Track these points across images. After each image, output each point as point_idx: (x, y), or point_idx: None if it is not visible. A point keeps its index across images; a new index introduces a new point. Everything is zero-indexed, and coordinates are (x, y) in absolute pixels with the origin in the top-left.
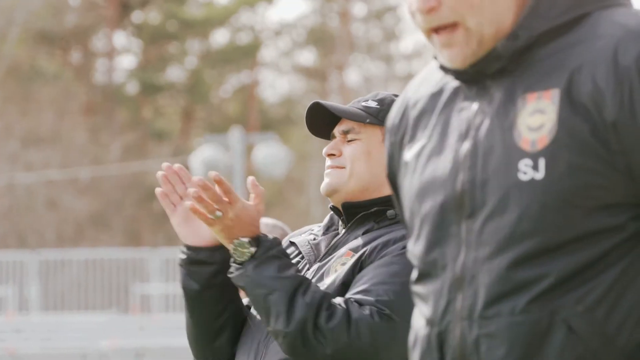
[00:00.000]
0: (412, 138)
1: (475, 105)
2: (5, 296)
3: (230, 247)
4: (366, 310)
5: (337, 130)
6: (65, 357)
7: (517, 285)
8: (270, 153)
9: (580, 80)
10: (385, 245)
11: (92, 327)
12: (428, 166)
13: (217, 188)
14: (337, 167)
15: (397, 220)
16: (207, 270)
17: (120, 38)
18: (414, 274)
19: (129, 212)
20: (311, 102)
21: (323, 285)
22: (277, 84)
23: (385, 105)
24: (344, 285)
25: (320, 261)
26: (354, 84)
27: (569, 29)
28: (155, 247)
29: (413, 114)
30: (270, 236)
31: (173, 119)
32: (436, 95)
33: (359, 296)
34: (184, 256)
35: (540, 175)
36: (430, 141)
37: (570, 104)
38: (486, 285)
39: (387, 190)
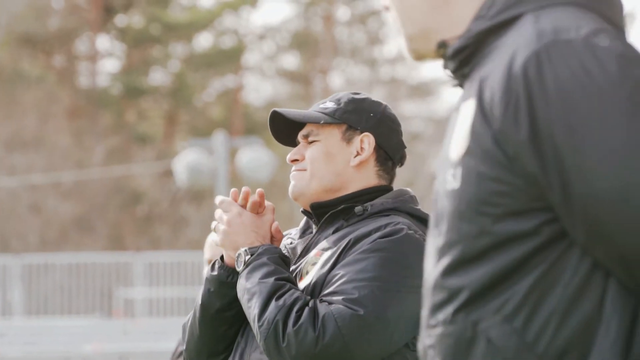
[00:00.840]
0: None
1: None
2: None
3: (233, 257)
4: (333, 308)
5: (300, 136)
6: None
7: (448, 295)
8: (254, 157)
9: (485, 88)
10: (356, 241)
11: (76, 331)
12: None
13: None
14: (300, 170)
15: (365, 217)
16: (233, 294)
17: (104, 41)
18: None
19: (112, 216)
20: (270, 111)
21: (299, 288)
22: (261, 88)
23: (341, 103)
24: (317, 285)
25: (294, 264)
26: (338, 88)
27: (502, 33)
28: (139, 251)
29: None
30: (270, 245)
31: (157, 123)
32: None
33: (328, 297)
34: (215, 273)
35: (457, 184)
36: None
37: (480, 112)
38: (430, 295)
39: (353, 187)
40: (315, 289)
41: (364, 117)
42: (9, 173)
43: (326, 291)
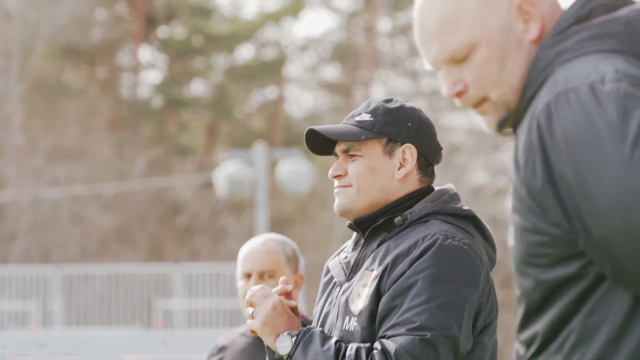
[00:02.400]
0: None
1: None
2: (29, 311)
3: (273, 342)
4: (400, 341)
5: (338, 150)
6: None
7: (525, 347)
8: (294, 169)
9: (517, 143)
10: (395, 261)
11: (115, 342)
12: None
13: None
14: (344, 186)
15: (406, 226)
16: None
17: (146, 53)
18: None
19: (152, 228)
20: (306, 129)
21: (353, 312)
22: (302, 100)
23: (378, 115)
24: (372, 315)
25: (347, 280)
26: None
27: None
28: (178, 262)
29: None
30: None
31: (197, 134)
32: None
33: (391, 332)
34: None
35: (511, 241)
36: None
37: (515, 166)
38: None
39: (393, 198)
40: (370, 317)
41: (403, 127)
42: (51, 184)
43: (387, 326)
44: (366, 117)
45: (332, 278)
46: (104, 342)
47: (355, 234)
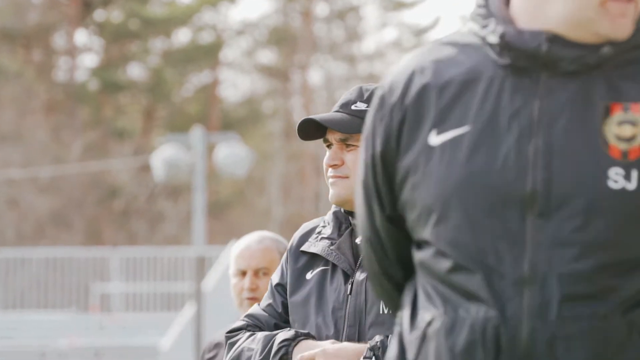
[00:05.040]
0: (441, 122)
1: (537, 102)
2: None
3: None
4: None
5: (334, 139)
6: (25, 356)
7: (599, 291)
8: (232, 152)
9: None
10: None
11: (52, 325)
12: (476, 157)
13: None
14: (341, 176)
15: None
16: None
17: (82, 36)
18: (444, 263)
19: (89, 211)
20: (302, 119)
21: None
22: (238, 84)
23: None
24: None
25: (358, 269)
26: (316, 83)
27: None
28: (116, 246)
29: (443, 95)
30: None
31: (134, 118)
32: (472, 82)
33: None
34: None
35: (632, 186)
36: (472, 130)
37: None
38: (564, 286)
39: None
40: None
41: None
42: None
43: None
44: (362, 106)
45: (312, 264)
46: (40, 326)
47: (334, 216)
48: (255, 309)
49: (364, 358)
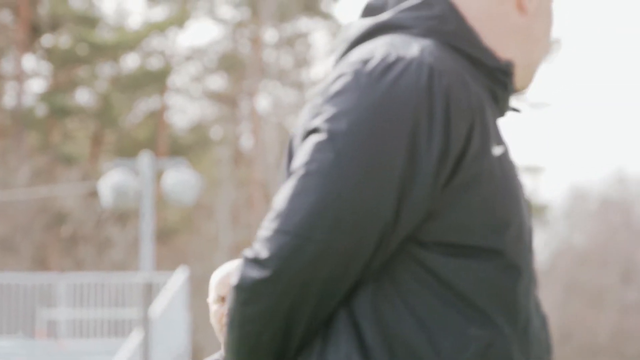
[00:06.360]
0: (491, 136)
1: (501, 122)
2: None
3: None
4: None
5: None
6: None
7: None
8: (180, 178)
9: None
10: None
11: None
12: (512, 174)
13: None
14: None
15: None
16: None
17: (30, 61)
18: (518, 277)
19: (36, 237)
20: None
21: None
22: (187, 109)
23: None
24: None
25: None
26: (265, 110)
27: None
28: (63, 272)
29: (485, 110)
30: None
31: (82, 143)
32: (485, 101)
33: None
34: None
35: None
36: (506, 149)
37: None
38: None
39: None
40: None
41: None
42: None
43: None
44: None
45: None
46: None
47: None
48: None
49: None
